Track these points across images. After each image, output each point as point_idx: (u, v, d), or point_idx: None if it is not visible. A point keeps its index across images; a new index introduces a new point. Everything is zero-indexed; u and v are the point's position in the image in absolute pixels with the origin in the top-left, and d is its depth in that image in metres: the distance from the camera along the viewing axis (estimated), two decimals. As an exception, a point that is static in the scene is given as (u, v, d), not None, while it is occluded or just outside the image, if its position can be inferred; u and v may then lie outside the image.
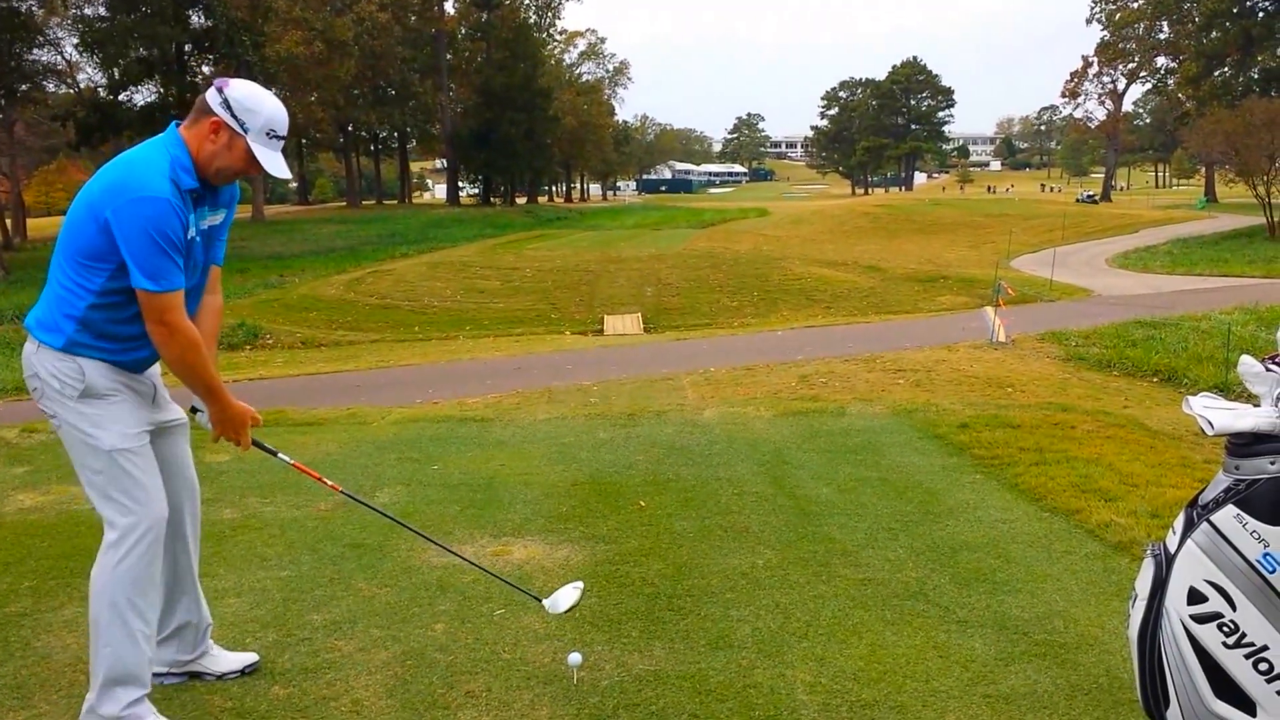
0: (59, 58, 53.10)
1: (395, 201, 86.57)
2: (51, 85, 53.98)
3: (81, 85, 54.96)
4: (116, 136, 49.31)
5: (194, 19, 47.47)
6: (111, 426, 3.07)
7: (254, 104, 3.04)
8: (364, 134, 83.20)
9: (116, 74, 48.05)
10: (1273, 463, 2.48)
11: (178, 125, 3.10)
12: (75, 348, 3.04)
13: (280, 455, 3.43)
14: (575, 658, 3.43)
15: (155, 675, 3.43)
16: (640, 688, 3.40)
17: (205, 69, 49.86)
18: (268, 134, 3.06)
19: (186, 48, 47.76)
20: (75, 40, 49.46)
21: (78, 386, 3.05)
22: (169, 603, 3.38)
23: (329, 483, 3.59)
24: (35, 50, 48.56)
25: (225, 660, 3.53)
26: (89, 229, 2.96)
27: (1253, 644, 2.50)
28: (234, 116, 3.02)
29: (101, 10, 48.30)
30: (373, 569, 4.60)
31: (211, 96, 3.04)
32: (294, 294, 27.58)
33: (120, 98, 48.76)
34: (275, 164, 3.09)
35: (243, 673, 3.51)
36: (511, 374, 14.23)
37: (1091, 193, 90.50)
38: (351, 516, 5.48)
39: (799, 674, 3.48)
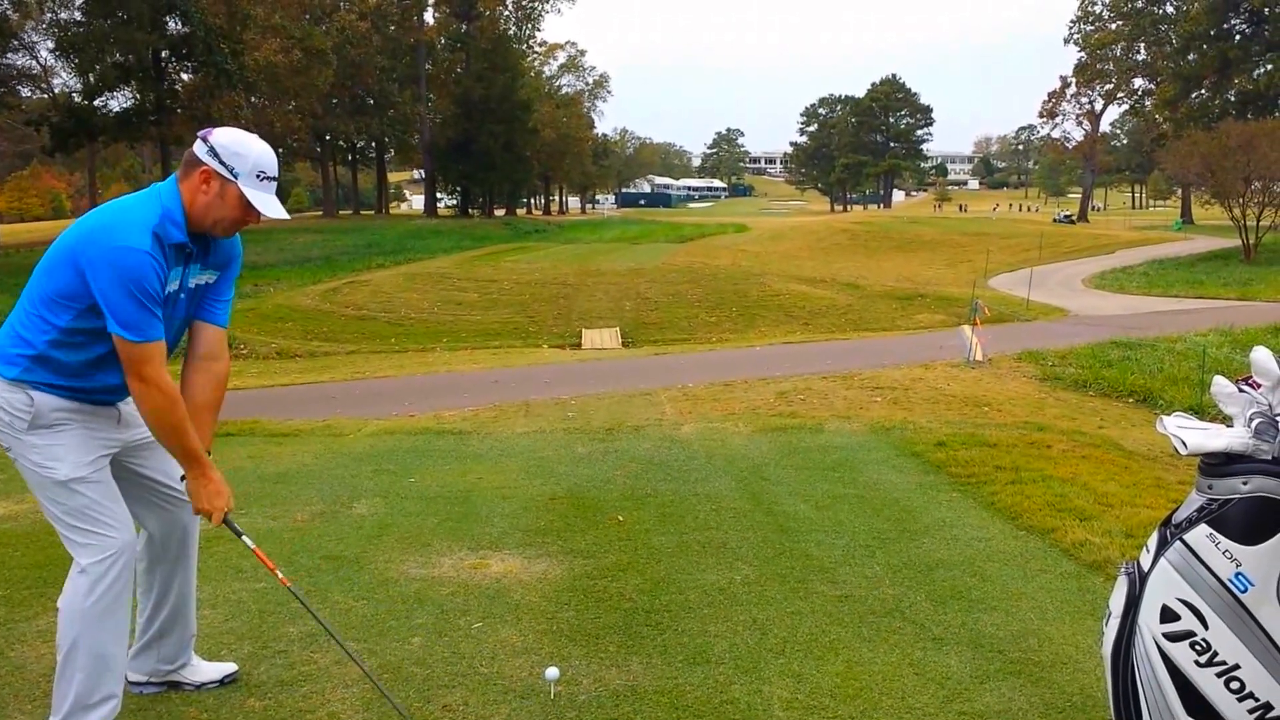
0: (33, 62, 52.85)
1: (372, 212, 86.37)
2: (26, 90, 53.63)
3: (56, 90, 54.60)
4: (91, 142, 48.97)
5: (171, 25, 47.24)
6: (66, 456, 3.01)
7: (240, 148, 3.00)
8: (341, 143, 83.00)
9: (92, 79, 47.77)
10: (1245, 483, 2.51)
11: (176, 178, 3.06)
12: (27, 380, 2.99)
13: (244, 539, 3.31)
14: (552, 672, 3.43)
15: (134, 685, 3.42)
16: (617, 703, 3.40)
17: (183, 76, 49.61)
18: (258, 176, 3.02)
19: (163, 54, 47.51)
20: (50, 45, 49.21)
21: (25, 417, 2.98)
22: (151, 614, 3.37)
23: (280, 576, 3.35)
24: (9, 54, 48.25)
25: (204, 670, 3.51)
26: (66, 271, 2.92)
27: (1224, 663, 2.52)
28: (222, 163, 2.98)
29: (77, 15, 48.05)
30: (349, 581, 4.59)
31: (198, 147, 3.01)
32: (269, 304, 27.43)
33: (96, 103, 48.47)
34: (270, 206, 3.05)
35: (221, 683, 3.50)
36: (489, 387, 14.20)
37: (1069, 213, 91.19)
38: (328, 529, 5.47)
39: (776, 690, 3.49)
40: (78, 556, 3.03)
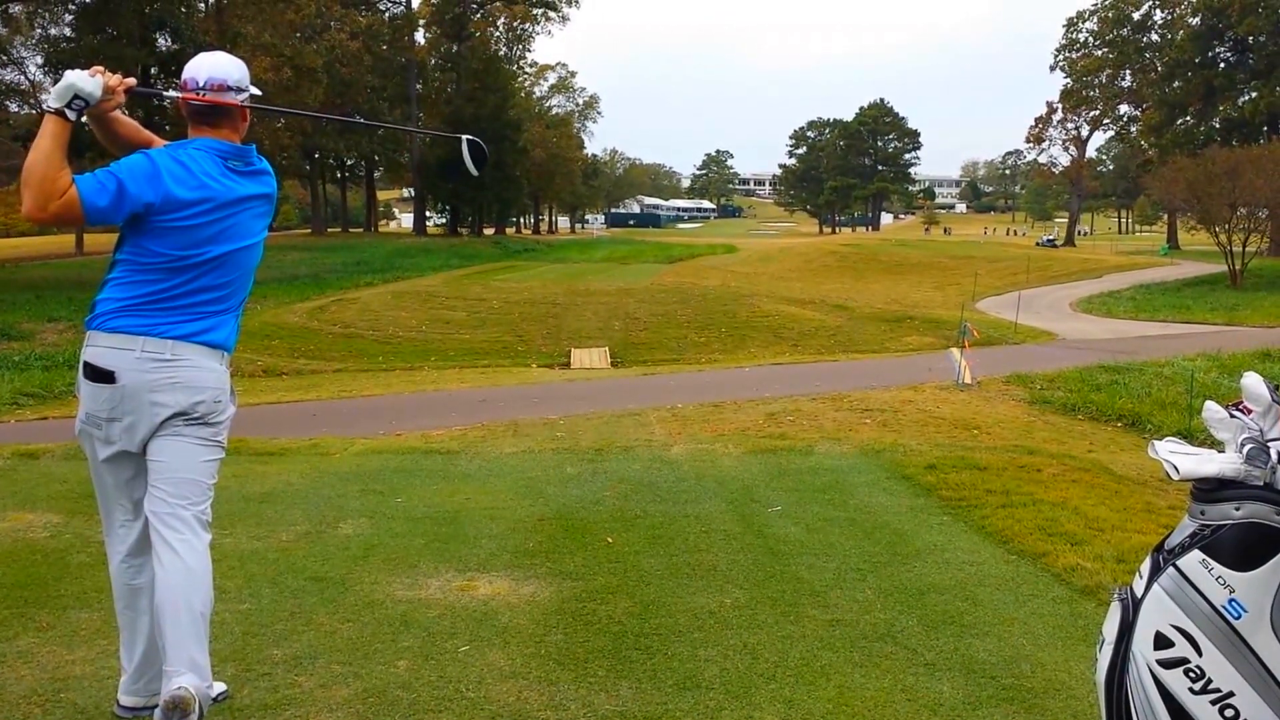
0: (22, 77, 52.70)
1: (361, 230, 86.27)
2: (15, 105, 53.48)
3: (44, 106, 54.45)
4: (79, 158, 48.76)
5: (161, 42, 47.27)
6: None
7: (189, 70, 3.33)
8: (331, 161, 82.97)
9: (81, 96, 47.67)
10: (1237, 508, 2.50)
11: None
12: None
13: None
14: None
15: (132, 710, 3.34)
16: (606, 728, 3.36)
17: (172, 92, 49.47)
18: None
19: (153, 70, 47.46)
20: (40, 60, 49.13)
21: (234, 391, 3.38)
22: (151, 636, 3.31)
23: None
24: (-2, 69, 48.20)
25: None
26: None
27: (1218, 690, 2.50)
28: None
29: (67, 31, 48.04)
30: (335, 603, 4.54)
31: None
32: (255, 321, 27.25)
33: (83, 120, 48.36)
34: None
35: (215, 701, 3.44)
36: (477, 406, 14.14)
37: (1051, 236, 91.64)
38: (313, 549, 5.41)
39: (767, 716, 3.45)
40: (207, 518, 3.26)
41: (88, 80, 3.06)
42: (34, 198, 2.93)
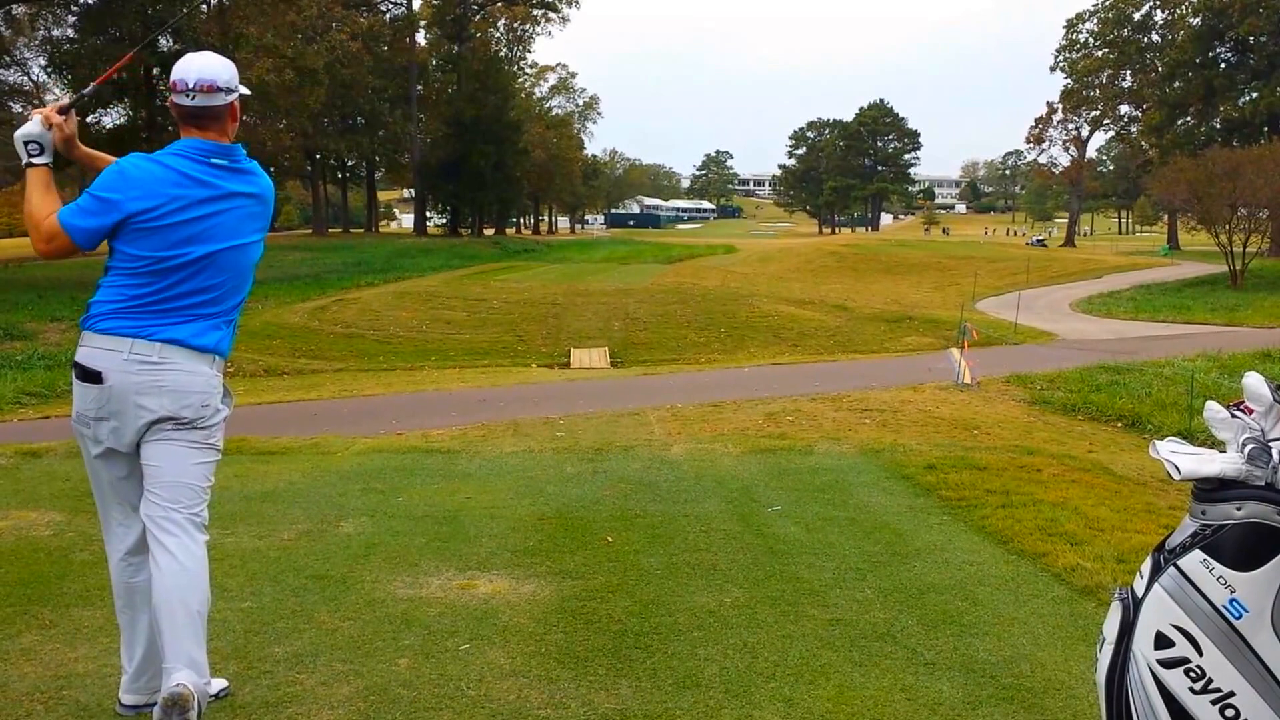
0: (26, 79, 52.71)
1: (362, 230, 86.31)
2: (18, 106, 53.48)
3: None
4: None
5: (163, 43, 47.22)
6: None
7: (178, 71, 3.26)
8: (332, 162, 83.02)
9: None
10: (1239, 508, 2.50)
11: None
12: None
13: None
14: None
15: (133, 708, 3.35)
16: (607, 727, 3.36)
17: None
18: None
19: (155, 71, 47.51)
20: (43, 62, 49.15)
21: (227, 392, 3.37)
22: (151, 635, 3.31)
23: None
24: (1, 71, 48.17)
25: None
26: None
27: (1219, 690, 2.50)
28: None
29: (70, 32, 48.04)
30: (336, 601, 4.54)
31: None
32: (257, 321, 27.27)
33: (88, 120, 48.37)
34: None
35: (216, 697, 3.45)
36: (477, 406, 14.14)
37: (1041, 237, 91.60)
38: (314, 548, 5.42)
39: (766, 715, 3.46)
40: (202, 520, 3.27)
41: (28, 125, 3.25)
42: (35, 240, 3.19)
